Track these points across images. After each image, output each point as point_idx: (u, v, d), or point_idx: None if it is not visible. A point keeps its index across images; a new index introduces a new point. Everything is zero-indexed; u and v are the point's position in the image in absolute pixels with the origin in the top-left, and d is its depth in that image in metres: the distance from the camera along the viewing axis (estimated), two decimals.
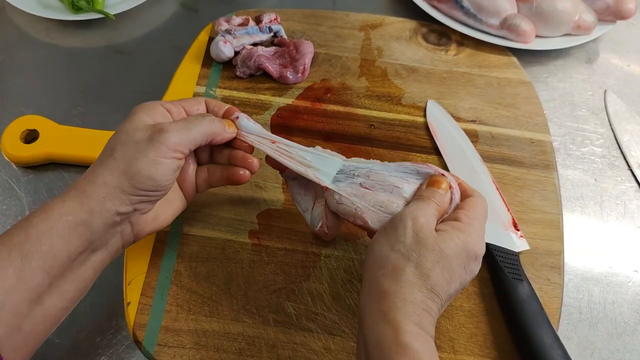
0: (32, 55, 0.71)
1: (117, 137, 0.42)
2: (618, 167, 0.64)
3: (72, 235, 0.38)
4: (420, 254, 0.40)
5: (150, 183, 0.41)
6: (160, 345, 0.48)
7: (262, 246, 0.54)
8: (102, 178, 0.40)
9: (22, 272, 0.36)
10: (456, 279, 0.41)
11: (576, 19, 0.70)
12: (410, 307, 0.38)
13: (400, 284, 0.39)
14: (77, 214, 0.38)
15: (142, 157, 0.40)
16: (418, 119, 0.64)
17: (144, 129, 0.42)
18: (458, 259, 0.40)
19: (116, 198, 0.40)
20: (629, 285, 0.56)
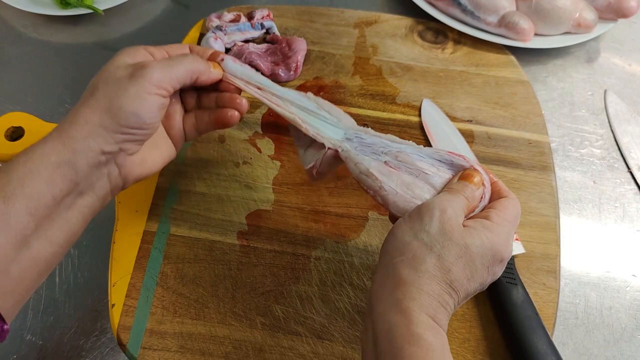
0: (19, 51, 0.69)
1: (98, 77, 0.41)
2: (617, 169, 0.63)
3: (55, 176, 0.37)
4: (444, 246, 0.38)
5: (134, 119, 0.40)
6: (144, 348, 0.47)
7: (250, 248, 0.53)
8: (84, 117, 0.39)
9: (5, 215, 0.35)
10: (477, 278, 0.39)
11: (576, 16, 0.69)
12: (426, 298, 0.36)
13: (419, 273, 0.37)
14: (60, 154, 0.38)
15: (124, 93, 0.40)
16: (413, 119, 0.63)
17: (125, 67, 0.42)
18: (482, 258, 0.39)
19: (99, 136, 0.39)
20: (627, 290, 0.54)
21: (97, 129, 0.39)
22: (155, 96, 0.41)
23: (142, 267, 0.51)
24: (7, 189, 0.35)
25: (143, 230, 0.53)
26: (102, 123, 0.39)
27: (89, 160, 0.39)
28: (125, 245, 0.52)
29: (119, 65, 0.42)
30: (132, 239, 0.53)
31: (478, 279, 0.39)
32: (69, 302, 0.51)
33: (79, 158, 0.38)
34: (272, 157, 0.59)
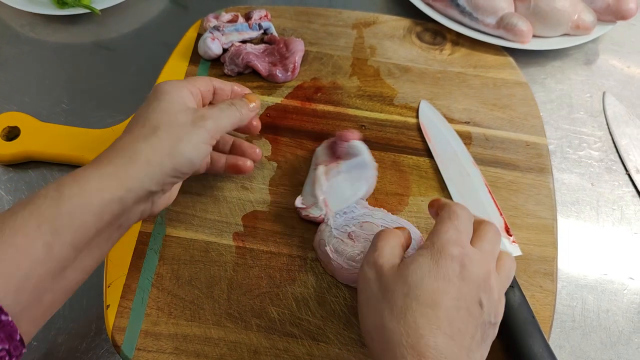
0: (16, 50, 0.69)
1: (159, 116, 0.43)
2: (615, 172, 0.63)
3: (104, 212, 0.38)
4: (387, 293, 0.37)
5: (189, 166, 0.43)
6: (139, 349, 0.47)
7: (246, 249, 0.53)
8: (145, 156, 0.40)
9: (51, 247, 0.35)
10: (454, 317, 0.35)
11: (575, 18, 0.69)
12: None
13: (390, 345, 0.35)
14: (114, 191, 0.38)
15: (186, 140, 0.42)
16: (410, 120, 0.62)
17: (185, 111, 0.44)
18: (436, 283, 0.36)
19: (154, 178, 0.40)
20: (624, 293, 0.54)
21: (155, 171, 0.40)
22: (208, 146, 0.44)
23: (138, 268, 0.51)
24: (57, 223, 0.35)
25: (139, 231, 0.53)
26: (161, 165, 0.41)
27: (136, 199, 0.40)
28: (120, 246, 0.52)
29: (179, 110, 0.44)
30: (127, 240, 0.52)
31: (456, 318, 0.36)
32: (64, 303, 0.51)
33: (130, 196, 0.39)
34: (269, 158, 0.58)
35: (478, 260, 0.38)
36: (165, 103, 0.43)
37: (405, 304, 0.36)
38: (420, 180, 0.58)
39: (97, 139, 0.59)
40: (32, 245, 0.34)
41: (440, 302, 0.36)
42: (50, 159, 0.58)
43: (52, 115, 0.62)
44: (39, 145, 0.58)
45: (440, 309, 0.36)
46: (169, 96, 0.44)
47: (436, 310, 0.35)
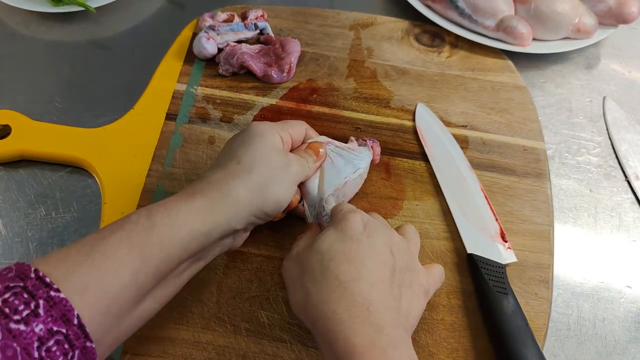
0: (10, 48, 0.69)
1: (254, 156, 0.44)
2: (615, 178, 0.62)
3: (190, 245, 0.39)
4: (305, 266, 0.41)
5: (275, 208, 0.44)
6: (126, 352, 0.46)
7: (237, 252, 0.52)
8: (236, 194, 0.41)
9: (137, 274, 0.36)
10: (371, 267, 0.40)
11: (576, 22, 0.68)
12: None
13: (320, 308, 0.38)
14: (202, 225, 0.39)
15: (279, 184, 0.44)
16: (406, 123, 0.62)
17: (279, 154, 0.45)
18: (344, 244, 0.40)
19: (242, 217, 0.41)
20: (621, 302, 0.53)
21: (244, 210, 0.41)
22: (294, 191, 0.46)
23: None
24: (146, 251, 0.36)
25: None
26: (250, 205, 0.42)
27: (221, 234, 0.41)
28: None
29: (274, 151, 0.45)
30: None
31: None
32: None
33: (216, 231, 0.40)
34: None
35: (376, 221, 0.43)
36: (260, 145, 0.44)
37: (322, 266, 0.39)
38: (415, 184, 0.57)
39: (89, 138, 0.58)
40: (122, 269, 0.35)
41: (354, 257, 0.39)
42: (41, 158, 0.58)
43: (45, 113, 0.62)
44: (30, 143, 0.57)
45: (356, 262, 0.39)
46: (264, 139, 0.45)
47: (352, 264, 0.39)
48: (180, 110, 0.61)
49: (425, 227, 0.54)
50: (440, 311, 0.50)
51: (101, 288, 0.34)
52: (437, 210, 0.55)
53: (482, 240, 0.53)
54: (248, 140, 0.45)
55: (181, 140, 0.58)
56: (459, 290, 0.51)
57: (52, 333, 0.31)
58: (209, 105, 0.61)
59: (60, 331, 0.32)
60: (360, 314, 0.37)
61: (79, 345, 0.32)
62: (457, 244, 0.53)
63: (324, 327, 0.37)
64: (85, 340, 0.33)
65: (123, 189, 0.55)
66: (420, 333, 0.48)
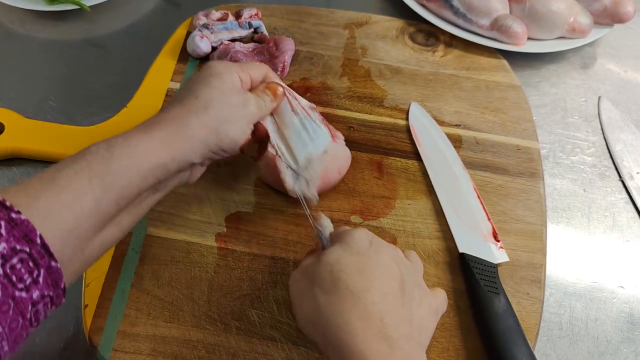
0: (5, 46, 0.69)
1: (212, 92, 0.44)
2: (609, 178, 0.61)
3: (149, 175, 0.39)
4: (315, 279, 0.40)
5: (231, 146, 0.45)
6: (116, 350, 0.46)
7: (228, 250, 0.52)
8: (193, 129, 0.42)
9: (99, 202, 0.36)
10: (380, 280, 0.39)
11: (571, 21, 0.68)
12: None
13: (330, 319, 0.38)
14: (161, 158, 0.40)
15: (235, 121, 0.44)
16: (400, 122, 0.61)
17: (237, 93, 0.46)
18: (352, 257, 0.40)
19: (198, 152, 0.42)
20: (614, 302, 0.53)
21: (200, 145, 0.42)
22: (250, 129, 0.47)
23: (118, 268, 0.50)
24: (106, 180, 0.37)
25: None
26: (206, 141, 0.42)
27: (179, 168, 0.42)
28: None
29: (232, 90, 0.45)
30: None
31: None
32: None
33: (173, 165, 0.41)
34: (255, 158, 0.57)
35: (381, 240, 0.44)
36: (219, 82, 0.45)
37: (333, 277, 0.39)
38: (408, 183, 0.57)
39: (82, 136, 0.58)
40: (83, 198, 0.36)
41: (363, 269, 0.39)
42: (34, 156, 0.58)
43: (39, 111, 0.62)
44: (23, 141, 0.57)
45: (365, 273, 0.39)
46: (223, 77, 0.45)
47: (362, 275, 0.39)
48: None
49: (417, 226, 0.54)
50: None
51: (63, 214, 0.34)
52: (430, 210, 0.55)
53: (474, 239, 0.52)
54: (207, 78, 0.45)
55: None
56: (451, 290, 0.51)
57: (16, 251, 0.31)
58: None
59: (24, 250, 0.32)
60: (373, 325, 0.36)
61: (43, 265, 0.33)
62: (449, 243, 0.53)
63: (336, 338, 0.36)
64: (50, 259, 0.33)
65: None
66: None
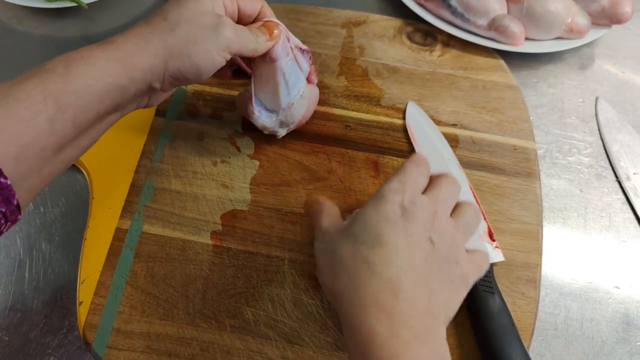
0: (3, 42, 0.69)
1: (182, 12, 0.41)
2: (605, 178, 0.61)
3: (106, 97, 0.38)
4: (337, 248, 0.39)
5: (193, 72, 0.41)
6: (110, 347, 0.46)
7: (223, 248, 0.52)
8: (155, 48, 0.39)
9: (53, 122, 0.35)
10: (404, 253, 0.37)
11: (569, 21, 0.67)
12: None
13: (348, 293, 0.37)
14: (119, 78, 0.38)
15: (202, 43, 0.41)
16: (397, 121, 0.61)
17: (211, 15, 0.42)
18: (378, 225, 0.38)
19: (157, 73, 0.40)
20: (609, 302, 0.53)
21: (160, 65, 0.40)
22: (221, 59, 0.42)
23: (113, 265, 0.50)
24: (62, 100, 0.36)
25: (115, 227, 0.52)
26: (166, 62, 0.40)
27: (137, 89, 0.40)
28: (96, 242, 0.51)
29: (205, 11, 0.42)
30: (103, 236, 0.52)
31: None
32: (37, 299, 0.51)
33: (131, 86, 0.39)
34: (251, 156, 0.57)
35: (422, 204, 0.39)
36: (193, 3, 0.42)
37: (354, 250, 0.37)
38: None
39: None
40: (36, 117, 0.34)
41: (387, 241, 0.37)
42: None
43: None
44: None
45: (388, 246, 0.37)
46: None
47: (384, 247, 0.36)
48: (169, 106, 0.60)
49: None
50: None
51: (14, 133, 0.34)
52: None
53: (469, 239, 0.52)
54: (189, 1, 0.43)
55: (170, 137, 0.58)
56: None
57: None
58: (199, 102, 0.61)
59: None
60: (387, 301, 0.35)
61: None
62: None
63: (349, 312, 0.36)
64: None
65: (111, 184, 0.55)
66: None
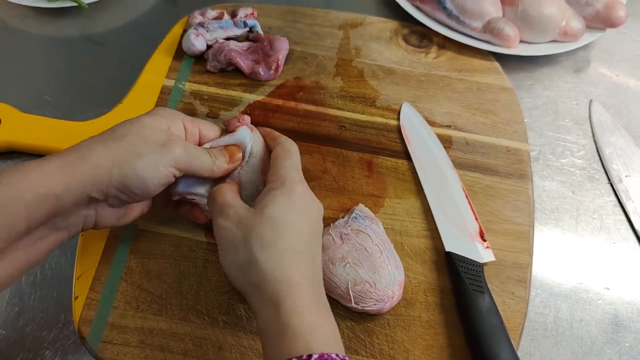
0: (4, 41, 0.70)
1: (131, 127, 0.41)
2: (598, 180, 0.62)
3: (37, 208, 0.36)
4: (254, 230, 0.40)
5: (139, 187, 0.40)
6: (104, 342, 0.47)
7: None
8: (97, 159, 0.38)
9: None
10: (309, 241, 0.42)
11: (563, 25, 0.68)
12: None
13: (267, 272, 0.39)
14: (52, 188, 0.36)
15: (147, 157, 0.40)
16: (391, 122, 0.62)
17: (162, 132, 0.42)
18: (294, 216, 0.41)
19: (98, 183, 0.38)
20: (599, 303, 0.54)
21: (102, 176, 0.38)
22: (168, 173, 0.41)
23: (108, 261, 0.51)
24: None
25: None
26: (109, 174, 0.38)
27: (75, 201, 0.38)
28: (92, 238, 0.52)
29: (157, 128, 0.42)
30: (99, 232, 0.52)
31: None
32: (34, 294, 0.51)
33: (68, 196, 0.37)
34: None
35: (307, 189, 0.45)
36: (147, 119, 0.42)
37: (275, 235, 0.40)
38: (397, 182, 0.57)
39: (77, 131, 0.59)
40: None
41: (303, 230, 0.41)
42: (30, 150, 0.59)
43: (36, 106, 0.63)
44: (19, 136, 0.58)
45: (304, 235, 0.41)
46: (157, 117, 0.43)
47: (300, 236, 0.41)
48: (167, 105, 0.61)
49: (405, 224, 0.55)
50: (417, 308, 0.50)
51: None
52: (418, 209, 0.56)
53: (461, 238, 0.53)
54: (140, 116, 0.43)
55: None
56: (437, 288, 0.51)
57: None
58: (196, 101, 0.62)
59: None
60: (308, 275, 0.40)
61: None
62: (436, 242, 0.54)
63: (272, 289, 0.38)
64: None
65: None
66: (396, 329, 0.49)
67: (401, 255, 0.52)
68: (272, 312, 0.38)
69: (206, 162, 0.44)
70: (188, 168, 0.43)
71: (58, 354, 0.48)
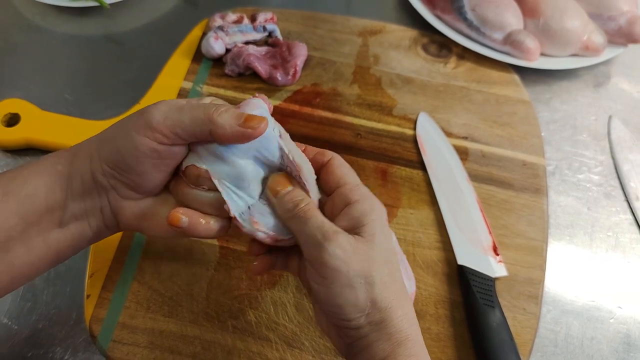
0: (26, 38, 0.71)
1: (122, 121, 0.40)
2: (614, 198, 0.61)
3: (55, 185, 0.37)
4: (373, 258, 0.36)
5: (118, 157, 0.37)
6: (114, 341, 0.47)
7: (230, 249, 0.53)
8: (89, 142, 0.40)
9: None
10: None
11: (585, 39, 0.68)
12: None
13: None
14: (65, 166, 0.38)
15: (122, 124, 0.38)
16: (407, 132, 0.62)
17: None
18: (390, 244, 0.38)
19: (94, 162, 0.38)
20: (611, 322, 0.53)
21: (93, 154, 0.38)
22: (143, 138, 0.36)
23: (121, 261, 0.51)
24: (8, 186, 0.36)
25: None
26: (98, 150, 0.38)
27: (83, 180, 0.38)
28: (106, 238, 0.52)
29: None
30: None
31: None
32: (47, 290, 0.52)
33: (75, 176, 0.38)
34: None
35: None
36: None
37: (390, 269, 0.37)
38: (411, 192, 0.57)
39: (95, 130, 0.58)
40: None
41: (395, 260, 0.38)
42: (48, 147, 0.59)
43: (55, 104, 0.63)
44: (37, 133, 0.59)
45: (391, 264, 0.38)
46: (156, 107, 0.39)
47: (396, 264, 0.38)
48: None
49: (418, 235, 0.55)
50: (427, 320, 0.50)
51: None
52: (432, 220, 0.56)
53: (473, 252, 0.53)
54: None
55: None
56: (447, 301, 0.51)
57: None
58: None
59: None
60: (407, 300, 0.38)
61: None
62: (448, 255, 0.53)
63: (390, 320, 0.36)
64: None
65: None
66: None
67: (413, 266, 0.52)
68: (386, 340, 0.36)
69: (205, 110, 0.36)
70: (180, 127, 0.36)
71: (68, 351, 0.49)
